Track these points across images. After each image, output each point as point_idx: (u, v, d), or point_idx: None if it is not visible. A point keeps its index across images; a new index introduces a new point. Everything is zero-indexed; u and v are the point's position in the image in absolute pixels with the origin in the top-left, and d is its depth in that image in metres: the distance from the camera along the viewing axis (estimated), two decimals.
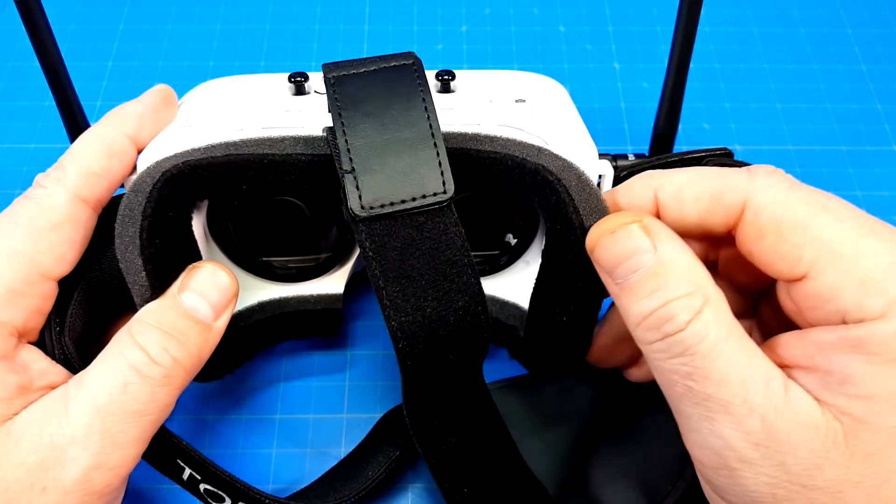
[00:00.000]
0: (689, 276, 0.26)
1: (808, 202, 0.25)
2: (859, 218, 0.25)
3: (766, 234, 0.26)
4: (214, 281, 0.30)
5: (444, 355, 0.29)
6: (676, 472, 0.35)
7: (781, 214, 0.25)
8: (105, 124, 0.31)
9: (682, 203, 0.28)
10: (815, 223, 0.25)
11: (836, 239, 0.24)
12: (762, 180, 0.26)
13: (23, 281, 0.29)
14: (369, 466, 0.34)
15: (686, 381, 0.25)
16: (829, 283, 0.24)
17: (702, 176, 0.28)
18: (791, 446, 0.24)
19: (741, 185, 0.26)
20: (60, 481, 0.26)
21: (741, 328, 0.26)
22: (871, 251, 0.24)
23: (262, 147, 0.30)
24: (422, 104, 0.28)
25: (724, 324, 0.25)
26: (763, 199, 0.26)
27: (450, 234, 0.28)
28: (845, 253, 0.24)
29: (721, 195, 0.27)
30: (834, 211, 0.25)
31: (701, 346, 0.25)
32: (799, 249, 0.25)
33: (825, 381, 0.24)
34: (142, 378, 0.27)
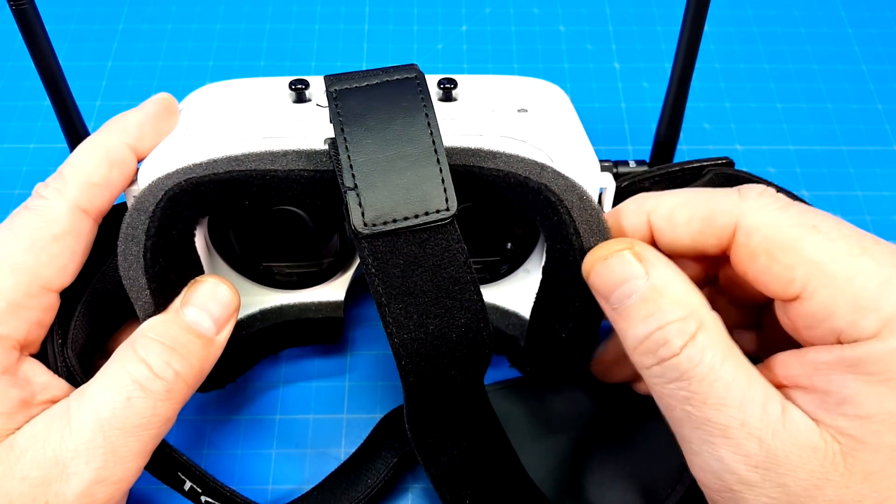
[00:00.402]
0: (683, 300, 0.26)
1: (798, 222, 0.25)
2: (851, 237, 0.25)
3: (758, 255, 0.26)
4: (216, 295, 0.30)
5: (446, 371, 0.29)
6: (675, 477, 0.35)
7: (772, 236, 0.25)
8: (105, 133, 0.31)
9: (675, 226, 0.28)
10: (806, 244, 0.25)
11: (827, 259, 0.24)
12: (752, 202, 0.26)
13: (24, 294, 0.29)
14: (368, 473, 0.34)
15: (684, 406, 0.25)
16: (822, 304, 0.24)
17: (693, 199, 0.27)
18: (790, 468, 0.24)
19: (731, 208, 0.26)
20: (63, 495, 0.26)
21: (738, 350, 0.26)
22: (863, 270, 0.24)
23: (264, 162, 0.30)
24: (424, 119, 0.28)
25: (719, 347, 0.25)
26: (753, 220, 0.26)
27: (452, 250, 0.28)
28: (837, 273, 0.24)
29: (712, 218, 0.27)
30: (825, 231, 0.25)
31: (697, 371, 0.25)
32: (791, 270, 0.25)
33: (823, 401, 0.24)
34: (144, 392, 0.27)
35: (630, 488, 0.35)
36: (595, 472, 0.36)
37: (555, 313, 0.30)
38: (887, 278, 0.24)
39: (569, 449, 0.37)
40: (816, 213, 0.26)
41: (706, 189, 0.28)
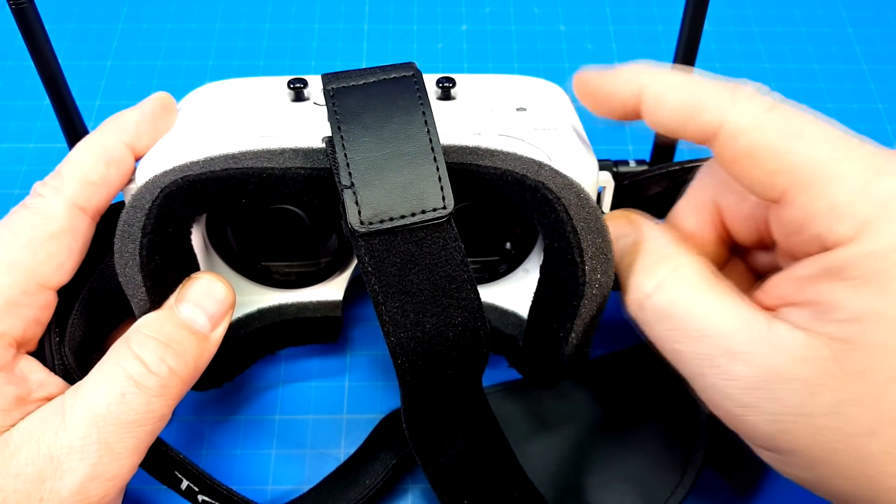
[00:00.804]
0: (658, 249, 0.28)
1: (782, 126, 0.25)
2: (835, 140, 0.25)
3: (741, 158, 0.26)
4: (211, 292, 0.30)
5: (443, 370, 0.29)
6: (676, 477, 0.35)
7: (755, 140, 0.25)
8: (103, 132, 0.31)
9: (661, 108, 0.28)
10: (788, 149, 0.25)
11: (807, 165, 0.24)
12: (742, 103, 0.26)
13: (21, 291, 0.29)
14: (367, 475, 0.34)
15: (674, 346, 0.27)
16: (802, 209, 0.25)
17: (686, 85, 0.27)
18: (782, 381, 0.24)
19: (720, 105, 0.26)
20: (57, 492, 0.26)
21: (723, 284, 0.27)
22: (842, 175, 0.24)
23: (260, 160, 0.30)
24: (422, 118, 0.28)
25: (695, 285, 0.27)
26: (738, 123, 0.26)
27: (449, 249, 0.28)
28: (815, 178, 0.24)
29: (699, 112, 0.27)
30: (809, 136, 0.25)
31: (674, 309, 0.27)
32: (772, 175, 0.25)
33: (814, 312, 0.25)
34: (139, 388, 0.27)
35: (629, 490, 0.35)
36: (594, 473, 0.36)
37: (552, 312, 0.30)
38: (864, 182, 0.24)
39: (568, 450, 0.37)
40: (801, 116, 0.26)
41: (703, 76, 0.27)
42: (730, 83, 0.27)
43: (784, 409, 0.25)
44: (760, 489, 0.36)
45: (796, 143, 0.25)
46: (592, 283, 0.29)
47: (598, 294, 0.29)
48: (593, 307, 0.29)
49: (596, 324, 0.31)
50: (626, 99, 0.29)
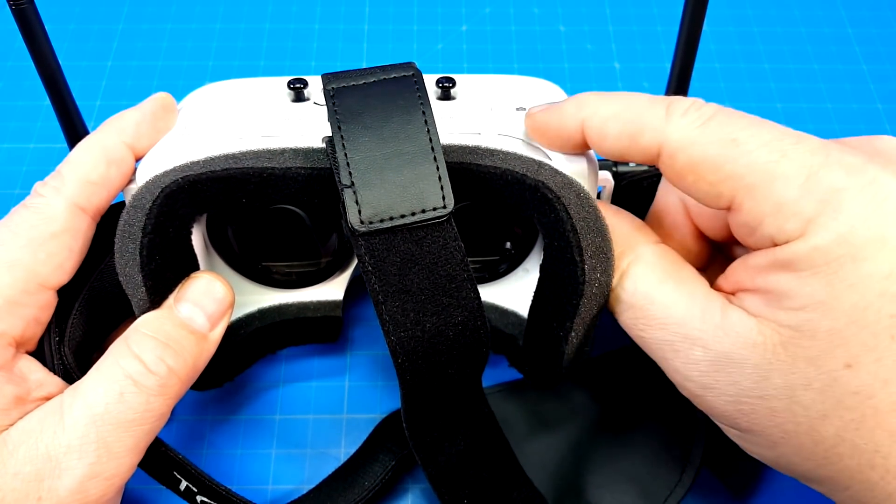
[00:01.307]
0: (620, 240, 0.30)
1: (717, 138, 0.26)
2: (771, 143, 0.25)
3: (684, 174, 0.27)
4: (210, 291, 0.30)
5: (443, 370, 0.29)
6: (675, 476, 0.35)
7: (694, 156, 0.26)
8: (103, 132, 0.31)
9: (605, 138, 0.28)
10: (726, 159, 0.26)
11: (746, 171, 0.25)
12: (676, 121, 0.27)
13: (21, 291, 0.29)
14: (365, 476, 0.34)
15: (639, 333, 0.29)
16: (750, 213, 0.26)
17: (624, 111, 0.28)
18: (736, 365, 0.26)
19: (657, 127, 0.27)
20: (55, 491, 0.26)
21: (682, 271, 0.29)
22: (782, 175, 0.25)
23: (261, 160, 0.30)
24: (421, 117, 0.28)
25: (655, 274, 0.28)
26: (676, 142, 0.27)
27: (449, 248, 0.28)
28: (757, 183, 0.25)
29: (639, 135, 0.28)
30: (744, 142, 0.26)
31: (635, 299, 0.28)
32: (716, 186, 0.26)
33: (766, 299, 0.26)
34: (137, 387, 0.27)
35: (629, 489, 0.35)
36: (594, 472, 0.36)
37: (552, 311, 0.30)
38: (804, 179, 0.24)
39: (567, 449, 0.37)
40: (736, 123, 0.26)
41: (641, 98, 0.28)
42: (665, 101, 0.28)
43: (740, 392, 0.26)
44: (756, 490, 0.36)
45: (733, 152, 0.26)
46: (592, 282, 0.29)
47: (598, 293, 0.29)
48: (593, 306, 0.29)
49: (596, 323, 0.31)
50: (572, 134, 0.29)
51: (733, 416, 0.27)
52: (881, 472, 0.25)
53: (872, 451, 0.24)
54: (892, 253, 0.23)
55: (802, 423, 0.25)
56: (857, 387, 0.24)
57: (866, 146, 0.27)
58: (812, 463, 0.26)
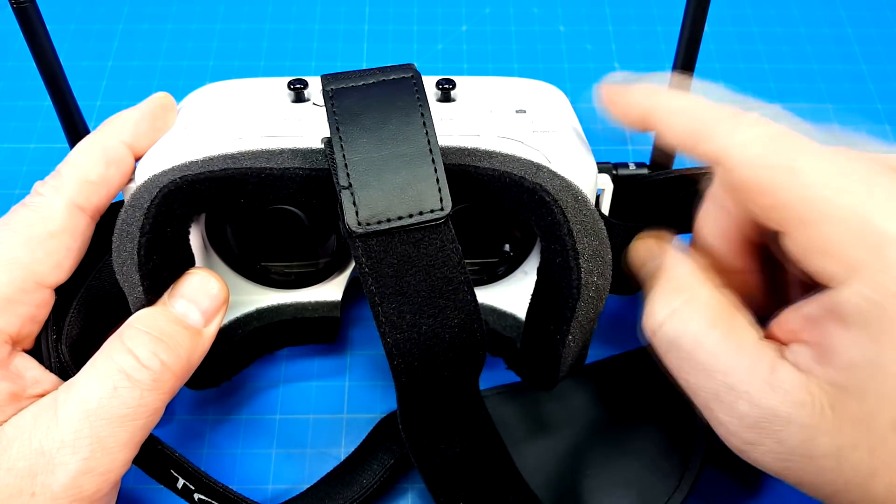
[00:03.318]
0: (678, 278, 0.28)
1: (778, 162, 0.25)
2: (830, 174, 0.24)
3: (739, 191, 0.26)
4: (205, 287, 0.31)
5: (439, 372, 0.29)
6: (673, 482, 0.35)
7: (750, 177, 0.26)
8: (102, 132, 0.31)
9: (668, 130, 0.29)
10: (781, 188, 0.25)
11: (799, 204, 0.24)
12: (741, 135, 0.26)
13: (18, 289, 0.29)
14: (364, 474, 0.34)
15: (683, 376, 0.28)
16: (798, 246, 0.25)
17: (694, 112, 0.28)
18: (782, 423, 0.25)
19: (721, 138, 0.27)
20: (49, 486, 0.26)
21: (736, 319, 0.27)
22: (834, 216, 0.24)
23: (259, 160, 0.30)
24: (420, 119, 0.28)
25: (705, 318, 0.27)
26: (736, 157, 0.26)
27: (446, 250, 0.28)
28: (808, 218, 0.24)
29: (702, 141, 0.27)
30: (803, 172, 0.25)
31: (683, 342, 0.27)
32: (767, 211, 0.26)
33: (816, 353, 0.25)
34: (131, 382, 0.27)
35: (626, 494, 0.35)
36: (591, 477, 0.36)
37: (549, 315, 0.30)
38: (858, 223, 0.23)
39: (565, 453, 0.36)
40: (801, 148, 0.25)
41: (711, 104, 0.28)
42: (735, 111, 0.27)
43: (787, 449, 0.25)
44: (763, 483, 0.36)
45: (790, 181, 0.25)
46: (589, 285, 0.29)
47: (595, 297, 0.29)
48: (590, 310, 0.29)
49: (593, 326, 0.31)
50: (641, 117, 0.30)
51: (780, 472, 0.26)
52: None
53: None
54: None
55: (852, 480, 0.24)
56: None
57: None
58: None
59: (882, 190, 0.24)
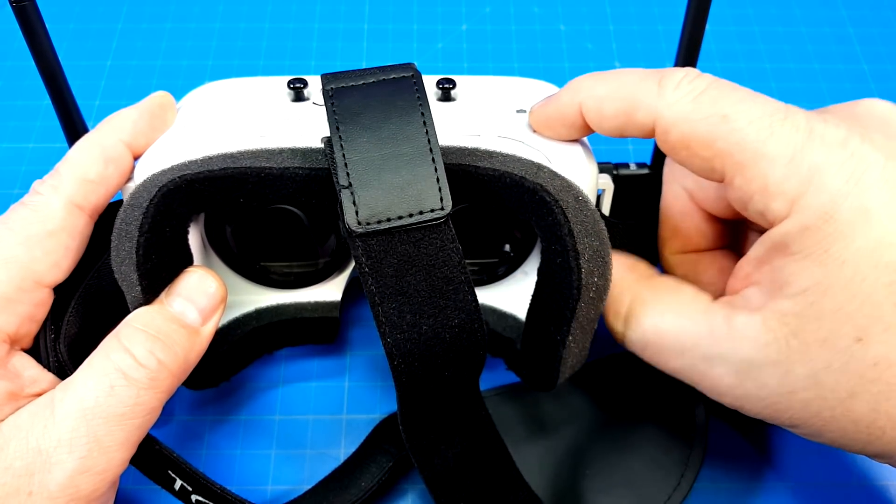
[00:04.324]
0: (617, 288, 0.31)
1: (708, 114, 0.26)
2: (760, 120, 0.26)
3: (678, 149, 0.28)
4: (202, 286, 0.30)
5: (439, 372, 0.29)
6: (674, 480, 0.35)
7: (686, 132, 0.27)
8: (101, 131, 0.31)
9: (602, 118, 0.29)
10: (716, 136, 0.26)
11: (736, 149, 0.26)
12: (668, 96, 0.27)
13: (16, 288, 0.29)
14: (362, 476, 0.34)
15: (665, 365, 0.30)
16: (740, 189, 0.26)
17: (619, 90, 0.28)
18: (757, 369, 0.27)
19: (650, 103, 0.28)
20: (46, 485, 0.26)
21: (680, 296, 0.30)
22: (769, 154, 0.25)
23: (259, 159, 0.30)
24: (420, 118, 0.28)
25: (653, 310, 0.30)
26: (668, 118, 0.27)
27: (447, 250, 0.28)
28: (745, 161, 0.26)
29: (634, 112, 0.28)
30: (734, 119, 0.26)
31: (647, 336, 0.30)
32: (709, 162, 0.27)
33: (768, 289, 0.27)
34: (127, 381, 0.27)
35: (627, 493, 0.35)
36: (592, 476, 0.36)
37: (550, 315, 0.30)
38: (789, 159, 0.25)
39: (566, 453, 0.36)
40: (728, 98, 0.26)
41: (634, 74, 0.29)
42: (657, 75, 0.28)
43: (771, 392, 0.27)
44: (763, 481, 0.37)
45: (723, 128, 0.26)
46: (589, 286, 0.29)
47: (596, 297, 0.29)
48: (590, 311, 0.29)
49: (594, 327, 0.31)
50: (573, 120, 0.30)
51: (774, 416, 0.27)
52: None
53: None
54: (877, 224, 0.24)
55: (836, 406, 0.26)
56: (873, 358, 0.25)
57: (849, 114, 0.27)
58: (861, 442, 0.26)
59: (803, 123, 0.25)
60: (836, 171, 0.24)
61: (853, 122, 0.26)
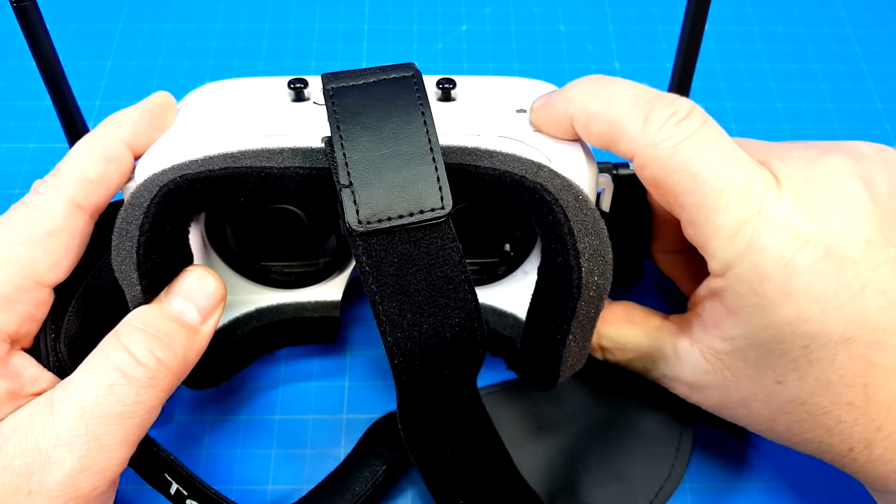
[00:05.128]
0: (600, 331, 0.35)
1: (681, 168, 0.28)
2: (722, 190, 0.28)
3: (649, 184, 0.30)
4: (201, 285, 0.30)
5: (439, 371, 0.29)
6: (665, 470, 0.36)
7: (658, 176, 0.29)
8: (101, 131, 0.31)
9: (589, 135, 0.30)
10: (682, 192, 0.28)
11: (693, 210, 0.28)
12: (651, 135, 0.28)
13: (17, 287, 0.29)
14: (356, 481, 0.34)
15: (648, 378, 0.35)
16: (691, 237, 0.30)
17: (607, 112, 0.29)
18: (701, 390, 0.32)
19: (632, 137, 0.29)
20: (45, 484, 0.26)
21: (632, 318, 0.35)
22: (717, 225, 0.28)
23: (259, 159, 0.30)
24: (420, 118, 0.28)
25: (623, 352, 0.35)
26: (646, 157, 0.29)
27: (447, 249, 0.28)
28: (699, 222, 0.28)
29: (616, 140, 0.29)
30: (702, 182, 0.28)
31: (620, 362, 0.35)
32: (670, 205, 0.30)
33: (707, 325, 0.31)
34: (127, 379, 0.27)
35: (620, 486, 0.36)
36: (589, 473, 0.36)
37: (550, 314, 0.30)
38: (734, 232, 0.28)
39: (563, 450, 0.37)
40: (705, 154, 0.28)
41: (625, 97, 0.29)
42: (646, 107, 0.29)
43: (714, 404, 0.32)
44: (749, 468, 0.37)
45: (690, 187, 0.28)
46: (589, 285, 0.29)
47: (596, 296, 0.29)
48: (591, 310, 0.29)
49: (594, 326, 0.31)
50: (566, 128, 0.31)
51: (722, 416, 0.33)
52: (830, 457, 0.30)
53: (818, 443, 0.30)
54: (796, 305, 0.27)
55: (762, 423, 0.31)
56: (789, 397, 0.29)
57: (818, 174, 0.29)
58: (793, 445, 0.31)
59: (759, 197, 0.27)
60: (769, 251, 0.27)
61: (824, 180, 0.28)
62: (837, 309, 0.27)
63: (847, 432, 0.29)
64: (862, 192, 0.28)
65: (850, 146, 0.30)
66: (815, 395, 0.28)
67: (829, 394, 0.28)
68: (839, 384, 0.28)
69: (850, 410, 0.28)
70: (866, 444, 0.29)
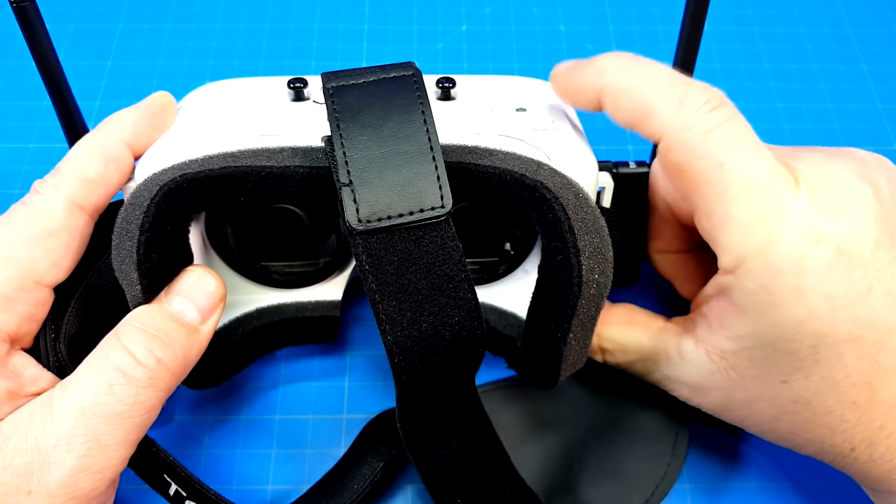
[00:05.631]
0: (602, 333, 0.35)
1: (710, 156, 0.28)
2: (748, 183, 0.27)
3: (671, 168, 0.29)
4: (201, 285, 0.31)
5: (439, 369, 0.29)
6: (661, 468, 0.36)
7: (685, 161, 0.28)
8: (102, 131, 0.31)
9: (618, 110, 0.30)
10: (706, 179, 0.28)
11: (714, 200, 0.28)
12: (685, 119, 0.28)
13: (17, 287, 0.29)
14: (354, 479, 0.34)
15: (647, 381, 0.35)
16: (702, 230, 0.29)
17: (641, 88, 0.29)
18: (705, 391, 0.32)
19: (664, 117, 0.28)
20: (45, 484, 0.26)
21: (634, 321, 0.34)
22: (734, 217, 0.28)
23: (259, 158, 0.30)
24: (420, 116, 0.28)
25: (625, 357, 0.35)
26: (675, 140, 0.28)
27: (447, 248, 0.28)
28: (716, 212, 0.28)
29: (646, 119, 0.29)
30: (728, 171, 0.28)
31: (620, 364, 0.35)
32: (689, 192, 0.29)
33: (713, 325, 0.31)
34: (126, 379, 0.27)
35: (617, 485, 0.36)
36: (586, 472, 0.36)
37: (550, 313, 0.30)
38: (750, 226, 0.27)
39: (561, 449, 0.37)
40: (735, 144, 0.28)
41: (661, 76, 0.29)
42: (682, 90, 0.28)
43: (717, 406, 0.32)
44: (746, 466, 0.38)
45: (715, 176, 0.28)
46: (590, 283, 0.29)
47: (596, 294, 0.29)
48: (591, 308, 0.29)
49: (594, 324, 0.31)
50: (591, 99, 0.31)
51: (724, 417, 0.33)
52: (831, 457, 0.30)
53: (820, 443, 0.30)
54: (807, 303, 0.27)
55: (765, 423, 0.31)
56: (794, 398, 0.29)
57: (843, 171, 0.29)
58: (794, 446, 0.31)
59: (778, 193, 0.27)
60: (784, 248, 0.27)
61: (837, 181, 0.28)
62: (845, 308, 0.27)
63: (850, 432, 0.29)
64: (869, 194, 0.28)
65: (853, 152, 0.30)
66: (819, 394, 0.28)
67: (834, 393, 0.28)
68: (844, 383, 0.28)
69: (853, 410, 0.28)
70: (868, 443, 0.29)
